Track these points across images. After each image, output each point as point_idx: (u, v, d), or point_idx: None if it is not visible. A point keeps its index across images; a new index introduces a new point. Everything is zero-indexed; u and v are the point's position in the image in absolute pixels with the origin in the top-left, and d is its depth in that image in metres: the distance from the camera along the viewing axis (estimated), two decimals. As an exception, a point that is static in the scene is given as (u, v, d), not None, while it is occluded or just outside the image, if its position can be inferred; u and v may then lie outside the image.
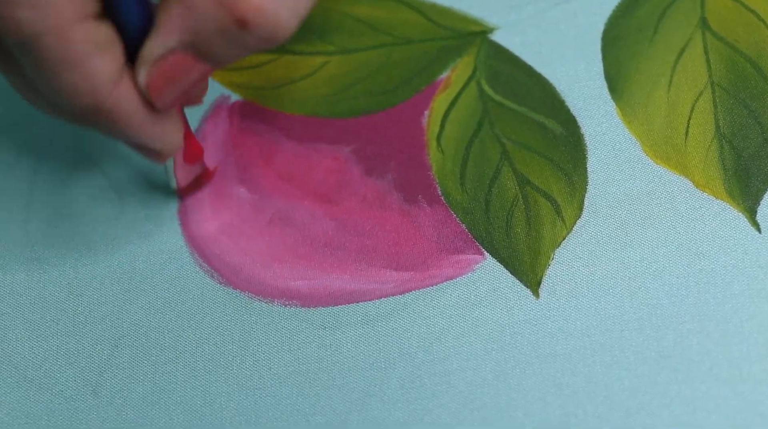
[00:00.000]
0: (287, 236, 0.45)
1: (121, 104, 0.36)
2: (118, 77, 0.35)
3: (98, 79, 0.35)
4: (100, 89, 0.35)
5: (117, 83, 0.35)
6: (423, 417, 0.41)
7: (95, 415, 0.42)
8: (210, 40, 0.35)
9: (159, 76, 0.36)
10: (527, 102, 0.46)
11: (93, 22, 0.34)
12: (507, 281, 0.43)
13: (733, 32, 0.46)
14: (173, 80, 0.36)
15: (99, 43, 0.34)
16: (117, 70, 0.35)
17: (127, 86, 0.36)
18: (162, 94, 0.37)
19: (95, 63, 0.34)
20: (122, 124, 0.36)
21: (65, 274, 0.45)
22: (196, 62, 0.36)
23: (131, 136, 0.38)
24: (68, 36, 0.34)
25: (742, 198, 0.44)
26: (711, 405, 0.41)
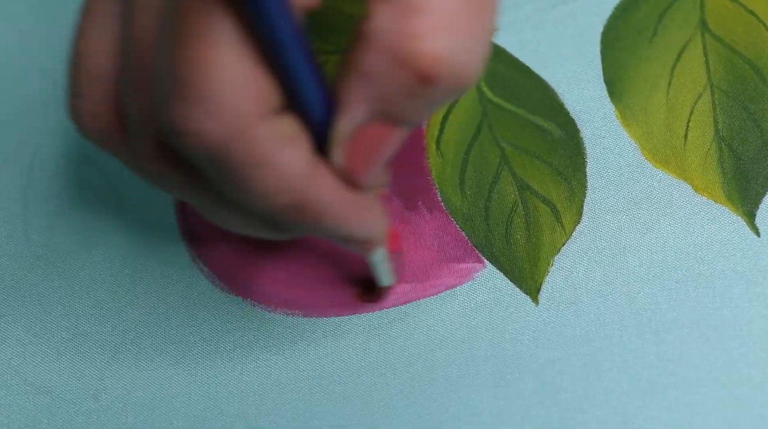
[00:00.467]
0: (290, 247, 0.44)
1: (321, 194, 0.33)
2: (311, 169, 0.33)
3: (291, 173, 0.32)
4: (295, 183, 0.33)
5: (311, 175, 0.33)
6: (424, 424, 0.41)
7: (96, 419, 0.42)
8: (399, 104, 0.33)
9: (356, 152, 0.34)
10: (526, 104, 0.46)
11: (275, 117, 0.32)
12: (506, 288, 0.43)
13: (732, 34, 0.46)
14: (371, 152, 0.34)
15: (285, 137, 0.32)
16: (308, 161, 0.33)
17: (323, 175, 0.34)
18: (363, 169, 0.34)
19: (285, 157, 0.32)
20: (326, 215, 0.34)
21: (65, 276, 0.45)
22: (390, 128, 0.34)
23: (339, 227, 0.35)
24: (255, 136, 0.32)
25: (741, 202, 0.44)
26: (710, 409, 0.41)
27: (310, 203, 0.33)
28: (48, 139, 0.47)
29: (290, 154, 0.32)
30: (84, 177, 0.46)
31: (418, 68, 0.31)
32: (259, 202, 0.33)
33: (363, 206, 0.35)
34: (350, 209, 0.35)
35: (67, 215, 0.46)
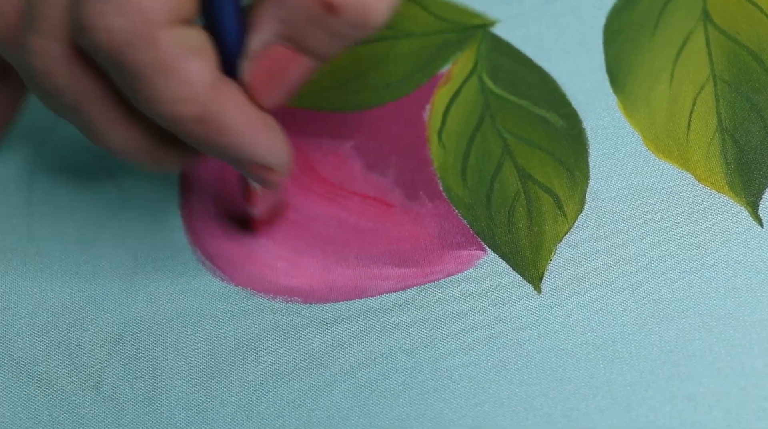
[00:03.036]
0: (289, 233, 0.45)
1: (226, 108, 0.35)
2: (217, 83, 0.34)
3: (196, 83, 0.34)
4: (200, 93, 0.34)
5: (218, 89, 0.34)
6: (425, 412, 0.41)
7: (97, 410, 0.42)
8: (304, 30, 0.34)
9: (261, 72, 0.35)
10: (528, 96, 0.46)
11: (184, 27, 0.34)
12: (509, 276, 0.43)
13: (735, 25, 0.46)
14: (275, 75, 0.36)
15: (191, 46, 0.34)
16: (214, 75, 0.34)
17: (230, 91, 0.35)
18: (265, 90, 0.36)
19: (190, 67, 0.33)
20: (231, 131, 0.35)
21: (66, 269, 0.45)
22: (296, 55, 0.35)
23: (242, 146, 0.36)
24: (160, 40, 0.33)
25: (744, 192, 0.44)
26: (713, 400, 0.41)
27: (215, 115, 0.34)
28: (50, 133, 0.47)
29: (195, 64, 0.34)
30: (87, 171, 0.47)
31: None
32: (162, 108, 0.34)
33: (268, 129, 0.36)
34: (255, 129, 0.36)
35: (69, 209, 0.46)
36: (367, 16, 0.34)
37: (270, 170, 0.37)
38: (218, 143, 0.35)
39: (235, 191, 0.45)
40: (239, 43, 0.35)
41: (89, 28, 0.33)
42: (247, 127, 0.35)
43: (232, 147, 0.35)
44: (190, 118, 0.34)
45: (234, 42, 0.35)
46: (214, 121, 0.34)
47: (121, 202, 0.46)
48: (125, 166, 0.46)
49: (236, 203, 0.45)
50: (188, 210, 0.46)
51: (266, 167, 0.37)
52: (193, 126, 0.34)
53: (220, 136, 0.35)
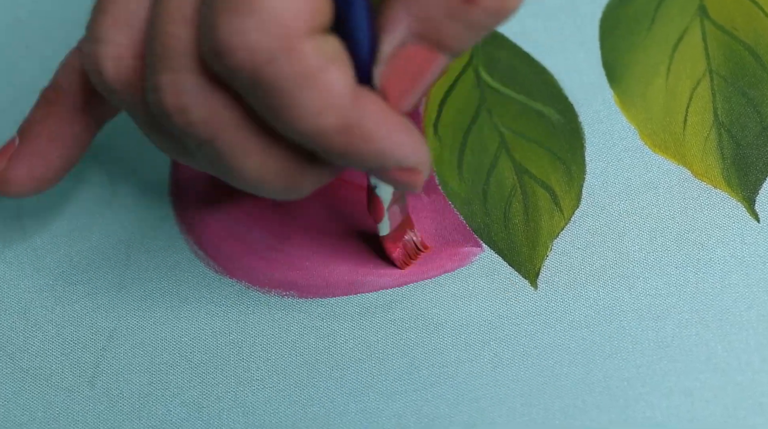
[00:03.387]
0: (284, 226, 0.44)
1: (368, 115, 0.33)
2: (355, 90, 0.33)
3: (337, 92, 0.32)
4: (342, 102, 0.32)
5: (357, 96, 0.33)
6: (421, 408, 0.41)
7: (91, 406, 0.42)
8: (439, 25, 0.33)
9: (395, 75, 0.34)
10: (525, 89, 0.46)
11: (322, 35, 0.32)
12: (505, 273, 0.43)
13: (731, 20, 0.46)
14: (409, 76, 0.34)
15: (331, 55, 0.32)
16: (353, 82, 0.33)
17: (369, 97, 0.33)
18: (401, 94, 0.34)
19: (331, 76, 0.32)
20: (374, 137, 0.33)
21: (59, 263, 0.45)
22: (430, 53, 0.34)
23: (386, 153, 0.34)
24: (302, 52, 0.32)
25: (741, 187, 0.44)
26: (710, 395, 0.41)
27: (359, 124, 0.33)
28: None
29: (336, 73, 0.32)
30: (79, 164, 0.46)
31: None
32: (305, 123, 0.32)
33: (408, 130, 0.35)
34: (398, 132, 0.34)
35: (61, 201, 0.46)
36: (504, 4, 0.32)
37: (414, 171, 0.35)
38: (362, 152, 0.34)
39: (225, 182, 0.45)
40: (372, 48, 0.34)
41: (227, 51, 0.31)
42: (389, 132, 0.34)
43: (377, 154, 0.34)
44: (334, 130, 0.33)
45: (367, 46, 0.34)
46: (357, 130, 0.33)
47: (114, 196, 0.46)
48: (118, 160, 0.46)
49: (230, 193, 0.45)
50: (179, 199, 0.45)
51: (410, 169, 0.35)
52: (337, 137, 0.33)
53: (364, 144, 0.33)
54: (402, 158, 0.34)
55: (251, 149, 0.34)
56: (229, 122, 0.34)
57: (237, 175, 0.35)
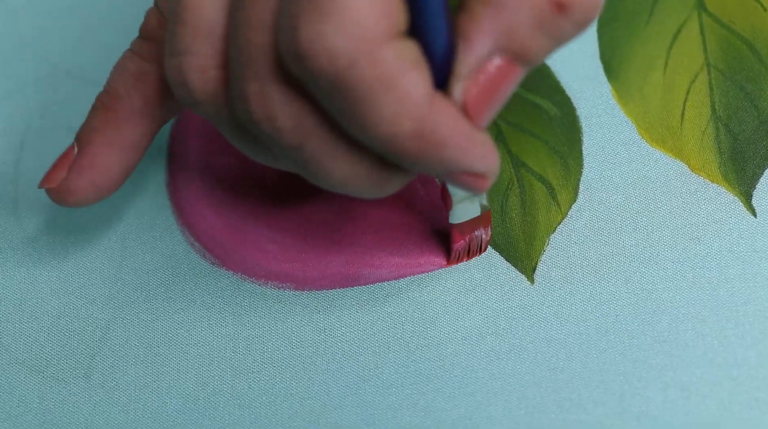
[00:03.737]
0: (281, 217, 0.44)
1: (443, 122, 0.33)
2: (431, 95, 0.33)
3: (415, 98, 0.32)
4: (419, 108, 0.32)
5: (434, 102, 0.33)
6: (417, 401, 0.41)
7: (87, 398, 0.42)
8: (525, 38, 0.33)
9: (477, 89, 0.33)
10: (523, 82, 0.46)
11: (402, 39, 0.32)
12: (502, 267, 0.43)
13: (729, 13, 0.46)
14: (491, 91, 0.34)
15: (410, 60, 0.32)
16: (430, 87, 0.33)
17: (445, 104, 0.33)
18: (482, 109, 0.34)
19: (410, 81, 0.32)
20: (448, 144, 0.33)
21: (55, 255, 0.45)
22: (513, 67, 0.33)
23: (459, 158, 0.34)
24: (382, 56, 0.31)
25: (738, 182, 0.44)
26: (706, 390, 0.41)
27: (432, 131, 0.33)
28: (39, 117, 0.47)
29: (414, 78, 0.32)
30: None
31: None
32: (381, 128, 0.32)
33: (477, 140, 0.34)
34: (471, 139, 0.34)
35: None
36: (593, 12, 0.32)
37: (481, 178, 0.35)
38: (434, 158, 0.33)
39: (221, 175, 0.45)
40: (450, 53, 0.33)
41: (307, 55, 0.31)
42: (461, 140, 0.33)
43: (448, 160, 0.34)
44: (408, 135, 0.32)
45: (444, 52, 0.33)
46: (431, 137, 0.33)
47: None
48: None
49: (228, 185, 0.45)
50: (176, 191, 0.45)
51: (478, 175, 0.35)
52: (410, 143, 0.33)
53: (436, 151, 0.33)
54: (471, 165, 0.34)
55: (337, 154, 0.34)
56: (316, 128, 0.34)
57: (324, 178, 0.35)
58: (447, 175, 0.35)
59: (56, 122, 0.47)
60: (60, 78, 0.47)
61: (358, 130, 0.33)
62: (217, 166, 0.45)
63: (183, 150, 0.46)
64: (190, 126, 0.46)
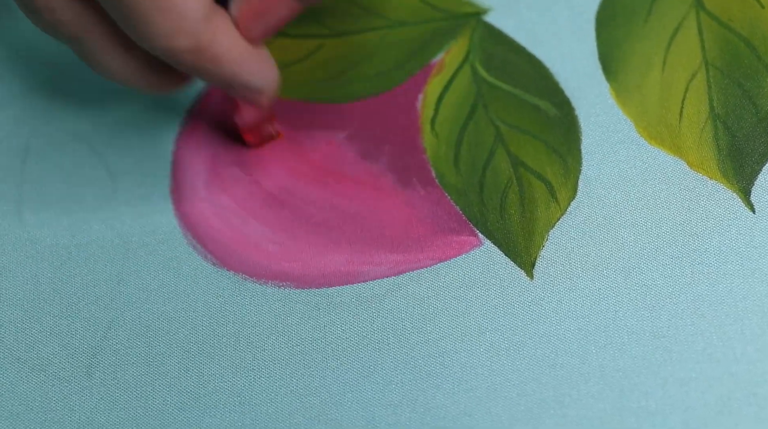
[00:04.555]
0: (281, 218, 0.45)
1: (219, 39, 0.37)
2: (209, 13, 0.36)
3: (190, 17, 0.35)
4: (195, 26, 0.36)
5: (210, 20, 0.36)
6: (417, 398, 0.41)
7: (88, 396, 0.42)
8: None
9: (248, 10, 0.38)
10: (521, 83, 0.46)
11: None
12: (501, 262, 0.43)
13: (727, 12, 0.46)
14: (262, 14, 0.38)
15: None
16: (207, 7, 0.36)
17: (222, 23, 0.37)
18: (251, 27, 0.38)
19: (186, 2, 0.35)
20: (224, 60, 0.37)
21: (58, 255, 0.45)
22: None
23: (235, 73, 0.38)
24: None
25: (736, 178, 0.44)
26: (705, 385, 0.41)
27: (209, 47, 0.37)
28: (44, 119, 0.47)
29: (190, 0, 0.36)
30: (78, 157, 0.46)
31: None
32: (158, 41, 0.36)
33: (258, 56, 0.39)
34: (247, 56, 0.38)
35: (61, 195, 0.46)
36: None
37: (259, 93, 0.40)
38: (211, 71, 0.37)
39: (223, 175, 0.45)
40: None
41: None
42: (238, 56, 0.38)
43: (225, 74, 0.38)
44: (186, 50, 0.36)
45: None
46: (207, 52, 0.37)
47: (112, 186, 0.46)
48: (118, 154, 0.46)
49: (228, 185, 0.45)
50: (179, 193, 0.45)
51: (256, 90, 0.40)
52: (188, 56, 0.37)
53: (213, 64, 0.37)
54: (248, 82, 0.39)
55: (113, 51, 0.38)
56: (93, 26, 0.37)
57: (100, 72, 0.39)
58: (226, 88, 0.39)
59: (61, 126, 0.47)
60: (65, 82, 0.48)
61: (138, 39, 0.36)
62: (220, 169, 0.46)
63: (187, 155, 0.46)
64: (194, 134, 0.47)
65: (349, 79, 0.47)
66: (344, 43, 0.48)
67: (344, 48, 0.48)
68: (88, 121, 0.47)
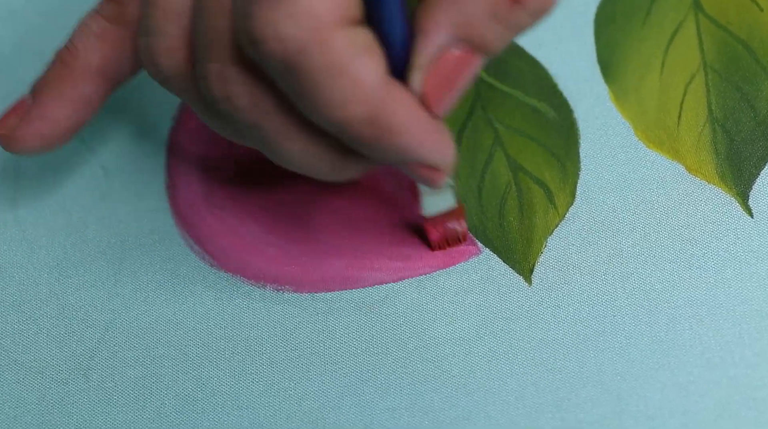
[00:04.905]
0: (279, 220, 0.44)
1: (396, 109, 0.34)
2: (385, 83, 0.34)
3: (367, 83, 0.33)
4: (371, 94, 0.33)
5: (387, 89, 0.34)
6: (416, 402, 0.41)
7: (86, 398, 0.42)
8: (482, 28, 0.34)
9: (435, 79, 0.35)
10: (520, 85, 0.46)
11: (353, 27, 0.33)
12: (500, 269, 0.43)
13: (725, 14, 0.46)
14: (450, 81, 0.35)
15: (362, 47, 0.33)
16: (384, 75, 0.34)
17: (399, 92, 0.34)
18: (440, 98, 0.35)
19: (361, 67, 0.33)
20: (401, 132, 0.34)
21: (54, 256, 0.45)
22: (471, 56, 0.34)
23: (412, 148, 0.35)
24: (332, 43, 0.32)
25: (735, 182, 0.44)
26: (703, 390, 0.41)
27: (386, 117, 0.34)
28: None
29: (367, 64, 0.33)
30: (74, 157, 0.46)
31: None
32: (333, 112, 0.33)
33: (433, 131, 0.35)
34: (425, 130, 0.35)
35: (57, 195, 0.46)
36: (548, 2, 0.34)
37: (435, 170, 0.36)
38: (387, 145, 0.34)
39: (220, 176, 0.45)
40: (407, 43, 0.34)
41: (260, 40, 0.32)
42: (415, 129, 0.35)
43: (401, 148, 0.35)
44: (361, 120, 0.33)
45: (401, 42, 0.34)
46: (384, 122, 0.34)
47: (110, 189, 0.46)
48: (114, 154, 0.46)
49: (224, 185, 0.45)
50: (174, 192, 0.45)
51: (431, 167, 0.36)
52: (363, 128, 0.34)
53: (389, 137, 0.34)
54: (424, 156, 0.35)
55: (294, 135, 0.36)
56: (273, 109, 0.35)
57: (282, 157, 0.37)
58: (401, 164, 0.36)
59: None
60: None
61: (312, 113, 0.34)
62: (217, 171, 0.46)
63: (182, 154, 0.46)
64: (189, 131, 0.46)
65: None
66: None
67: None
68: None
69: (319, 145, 0.36)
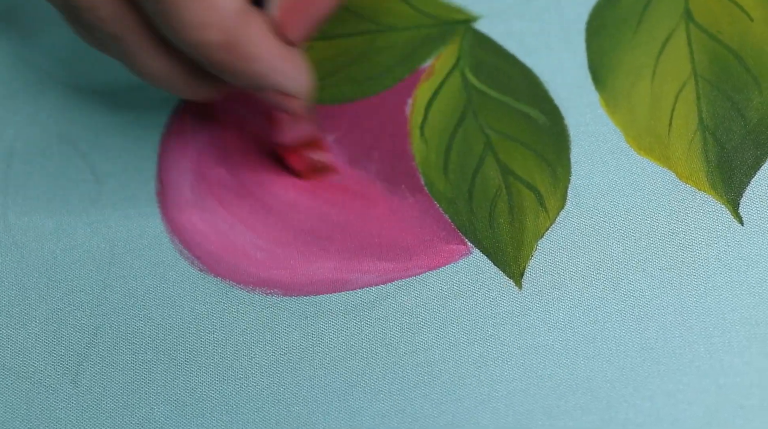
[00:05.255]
0: (269, 224, 0.44)
1: (252, 37, 0.36)
2: (242, 10, 0.35)
3: (224, 9, 0.35)
4: (227, 20, 0.35)
5: (244, 16, 0.35)
6: (405, 407, 0.41)
7: (75, 404, 0.42)
8: None
9: (290, 7, 0.37)
10: (511, 91, 0.46)
11: None
12: (490, 272, 0.43)
13: (716, 24, 0.46)
14: (305, 10, 0.37)
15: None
16: (241, 2, 0.35)
17: (256, 20, 0.36)
18: (295, 24, 0.37)
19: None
20: (256, 59, 0.36)
21: (43, 260, 0.44)
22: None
23: (267, 74, 0.37)
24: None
25: (725, 190, 0.44)
26: (692, 397, 0.41)
27: (242, 43, 0.35)
28: (28, 122, 0.47)
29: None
30: (64, 161, 0.46)
31: None
32: (189, 34, 0.35)
33: (292, 58, 0.37)
34: (280, 57, 0.37)
35: (46, 199, 0.46)
36: None
37: (291, 97, 0.38)
38: (241, 70, 0.36)
39: (209, 180, 0.45)
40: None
41: None
42: (270, 55, 0.36)
43: (255, 74, 0.37)
44: (216, 44, 0.35)
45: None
46: (238, 48, 0.36)
47: (99, 194, 0.46)
48: (101, 154, 0.46)
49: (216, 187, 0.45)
50: (164, 196, 0.45)
51: (287, 94, 0.38)
52: (218, 52, 0.35)
53: (244, 62, 0.36)
54: (279, 83, 0.37)
55: (153, 52, 0.38)
56: (134, 24, 0.37)
57: (140, 71, 0.38)
58: (257, 90, 0.38)
59: (46, 130, 0.47)
60: (50, 85, 0.48)
61: (170, 33, 0.35)
62: (207, 175, 0.46)
63: (173, 160, 0.46)
64: (180, 137, 0.46)
65: (338, 82, 0.47)
66: (333, 45, 0.48)
67: (333, 50, 0.48)
68: (72, 123, 0.47)
69: (177, 64, 0.38)
